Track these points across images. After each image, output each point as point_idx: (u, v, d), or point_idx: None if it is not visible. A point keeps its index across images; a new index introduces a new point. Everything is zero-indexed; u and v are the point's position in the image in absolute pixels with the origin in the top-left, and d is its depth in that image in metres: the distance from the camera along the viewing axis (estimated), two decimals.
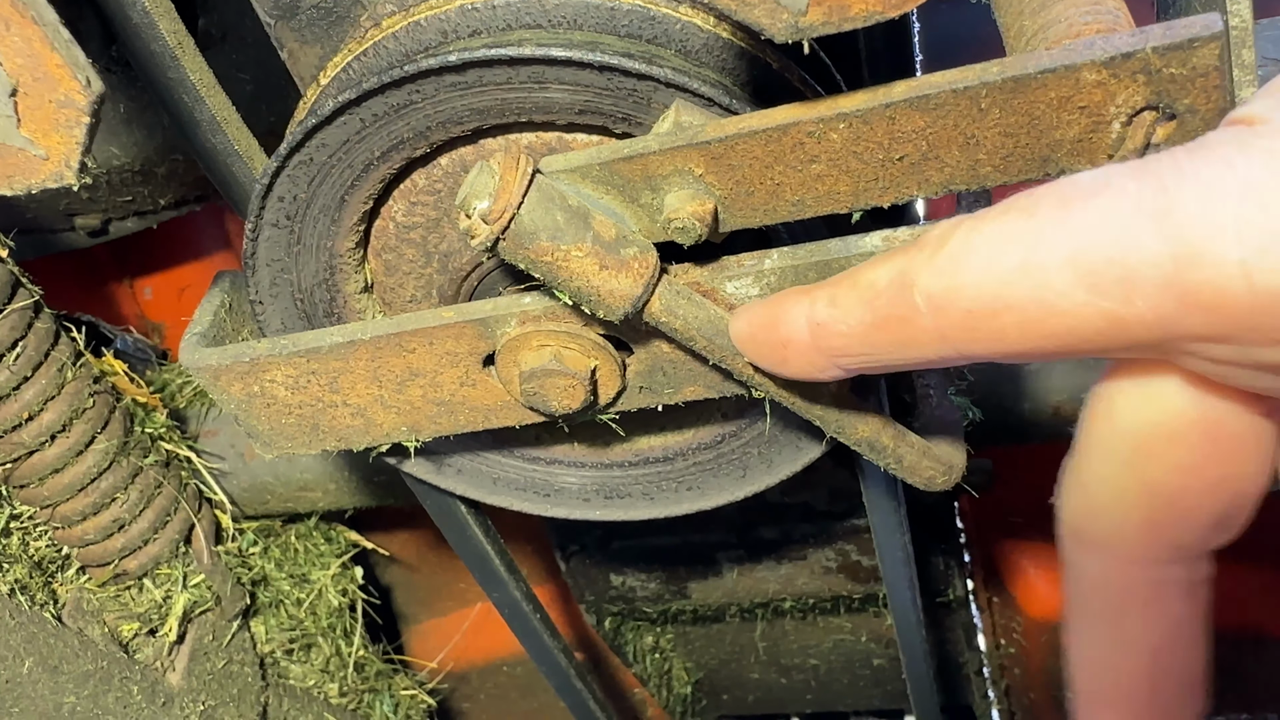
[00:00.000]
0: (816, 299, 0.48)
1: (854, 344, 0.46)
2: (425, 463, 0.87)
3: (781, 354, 0.51)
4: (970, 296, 0.40)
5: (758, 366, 0.57)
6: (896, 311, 0.43)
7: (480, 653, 1.81)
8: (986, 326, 0.40)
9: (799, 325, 0.49)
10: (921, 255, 0.42)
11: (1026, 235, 0.39)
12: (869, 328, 0.45)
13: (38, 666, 0.90)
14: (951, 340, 0.42)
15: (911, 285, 0.42)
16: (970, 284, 0.40)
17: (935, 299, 0.41)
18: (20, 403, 0.89)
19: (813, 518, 1.36)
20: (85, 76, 0.57)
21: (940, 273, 0.41)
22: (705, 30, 0.62)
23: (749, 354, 0.55)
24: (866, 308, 0.45)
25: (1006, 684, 1.78)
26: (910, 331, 0.43)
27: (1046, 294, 0.38)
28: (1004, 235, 0.40)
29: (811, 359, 0.49)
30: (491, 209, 0.54)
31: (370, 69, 0.66)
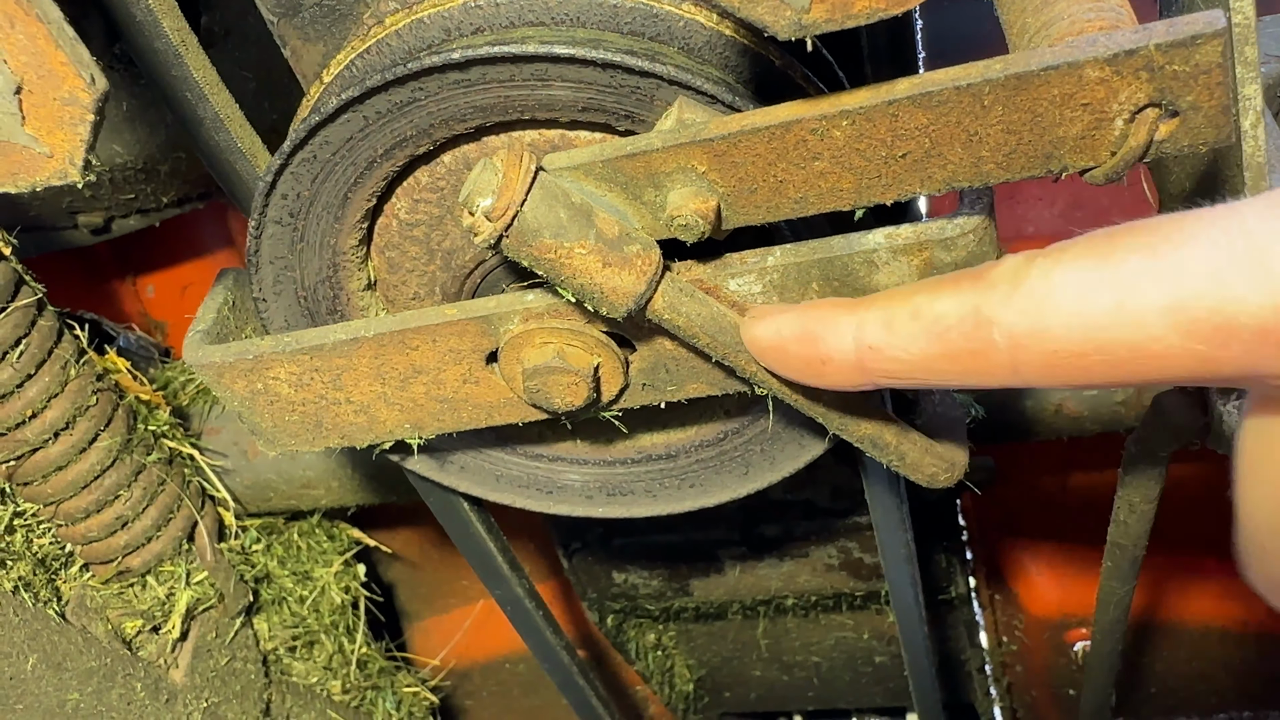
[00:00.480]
0: (866, 321, 0.49)
1: (909, 370, 0.48)
2: (428, 460, 0.88)
3: (818, 369, 0.52)
4: (1058, 338, 0.42)
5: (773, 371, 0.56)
6: (970, 347, 0.45)
7: (483, 650, 1.81)
8: (1070, 365, 0.42)
9: (844, 345, 0.50)
10: (996, 293, 0.44)
11: (1117, 281, 0.40)
12: (934, 358, 0.46)
13: (41, 663, 0.90)
14: (1024, 374, 0.44)
15: (990, 323, 0.44)
16: (1059, 326, 0.42)
17: (1018, 339, 0.43)
18: (23, 400, 0.89)
19: (815, 515, 1.36)
20: (89, 74, 0.57)
21: (1023, 313, 0.43)
22: (708, 28, 0.62)
23: (772, 362, 0.55)
24: (934, 340, 0.46)
25: (1008, 681, 1.79)
26: (982, 365, 0.45)
27: (1140, 338, 0.40)
28: (1091, 279, 0.41)
29: (850, 376, 0.50)
30: (495, 206, 0.54)
31: (373, 66, 0.66)
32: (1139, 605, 1.52)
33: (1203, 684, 1.66)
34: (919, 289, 0.47)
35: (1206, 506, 1.41)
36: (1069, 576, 1.60)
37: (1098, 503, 1.49)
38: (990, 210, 0.57)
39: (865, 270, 0.59)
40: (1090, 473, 1.48)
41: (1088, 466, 1.47)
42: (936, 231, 0.57)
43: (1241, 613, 1.55)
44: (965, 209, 0.57)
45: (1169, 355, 0.40)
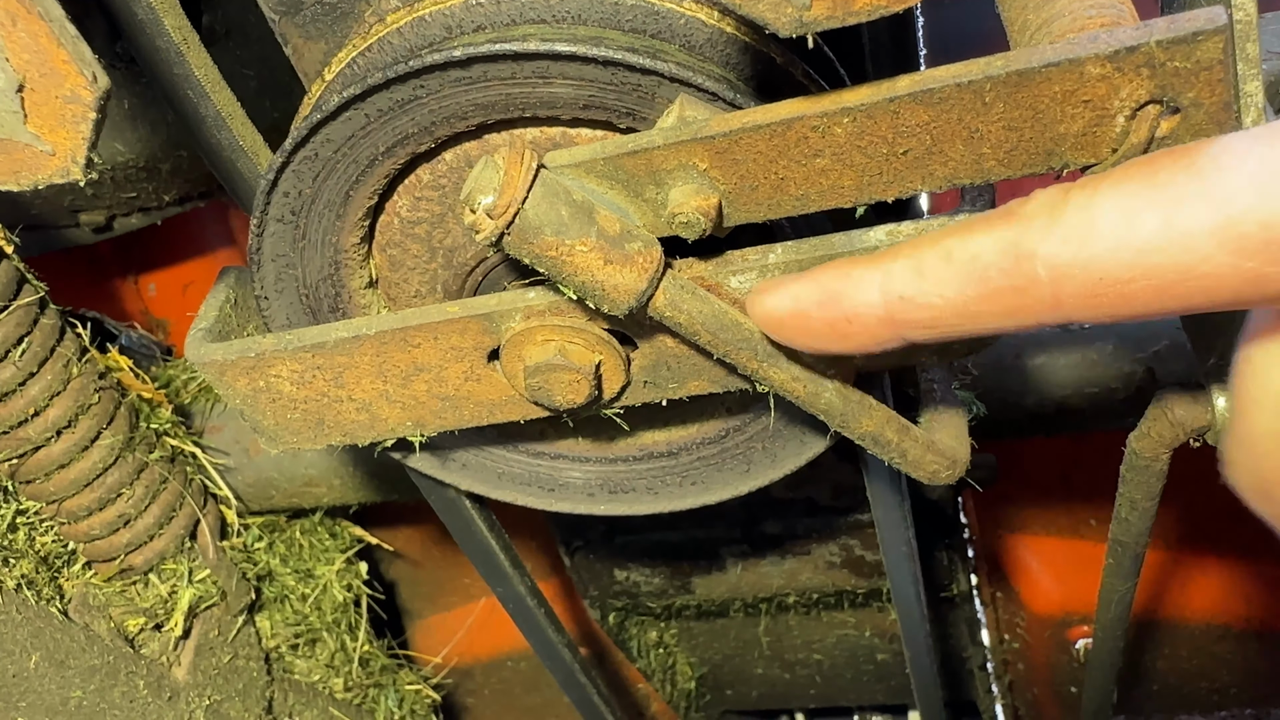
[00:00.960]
0: (893, 271, 0.47)
1: (946, 316, 0.45)
2: (430, 458, 0.88)
3: (843, 329, 0.49)
4: (1104, 265, 0.40)
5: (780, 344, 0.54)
6: (1011, 283, 0.43)
7: (485, 648, 1.81)
8: (1116, 292, 0.41)
9: (870, 299, 0.47)
10: (1034, 225, 0.42)
11: (1162, 202, 0.39)
12: (972, 300, 0.44)
13: (44, 661, 0.91)
14: (1068, 308, 0.42)
15: (1032, 256, 0.42)
16: (1104, 251, 0.40)
17: (1061, 269, 0.41)
18: (26, 398, 0.89)
19: (816, 512, 1.36)
20: (91, 72, 0.57)
21: (1066, 241, 0.41)
22: (709, 25, 0.62)
23: (792, 332, 0.52)
24: (971, 280, 0.44)
25: (1010, 679, 1.78)
26: (1024, 301, 0.43)
27: (1190, 259, 0.39)
28: (1134, 202, 0.40)
29: (878, 333, 0.48)
30: (496, 204, 0.54)
31: (375, 64, 0.66)
32: (1141, 602, 1.52)
33: (1205, 681, 1.66)
34: (946, 233, 0.45)
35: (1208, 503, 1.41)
36: (1070, 574, 1.60)
37: (1099, 499, 1.49)
38: (991, 206, 0.57)
39: None
40: (1091, 469, 1.48)
41: (1089, 463, 1.47)
42: (938, 228, 0.57)
43: (1243, 610, 1.55)
44: (967, 206, 0.57)
45: (1220, 275, 0.38)
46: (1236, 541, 1.48)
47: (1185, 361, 0.96)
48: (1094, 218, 0.41)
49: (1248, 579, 1.52)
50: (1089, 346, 0.99)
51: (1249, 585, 1.53)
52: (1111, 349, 0.97)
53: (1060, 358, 1.01)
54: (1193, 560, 1.54)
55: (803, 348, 0.53)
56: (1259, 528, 0.48)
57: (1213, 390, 0.79)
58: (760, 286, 0.54)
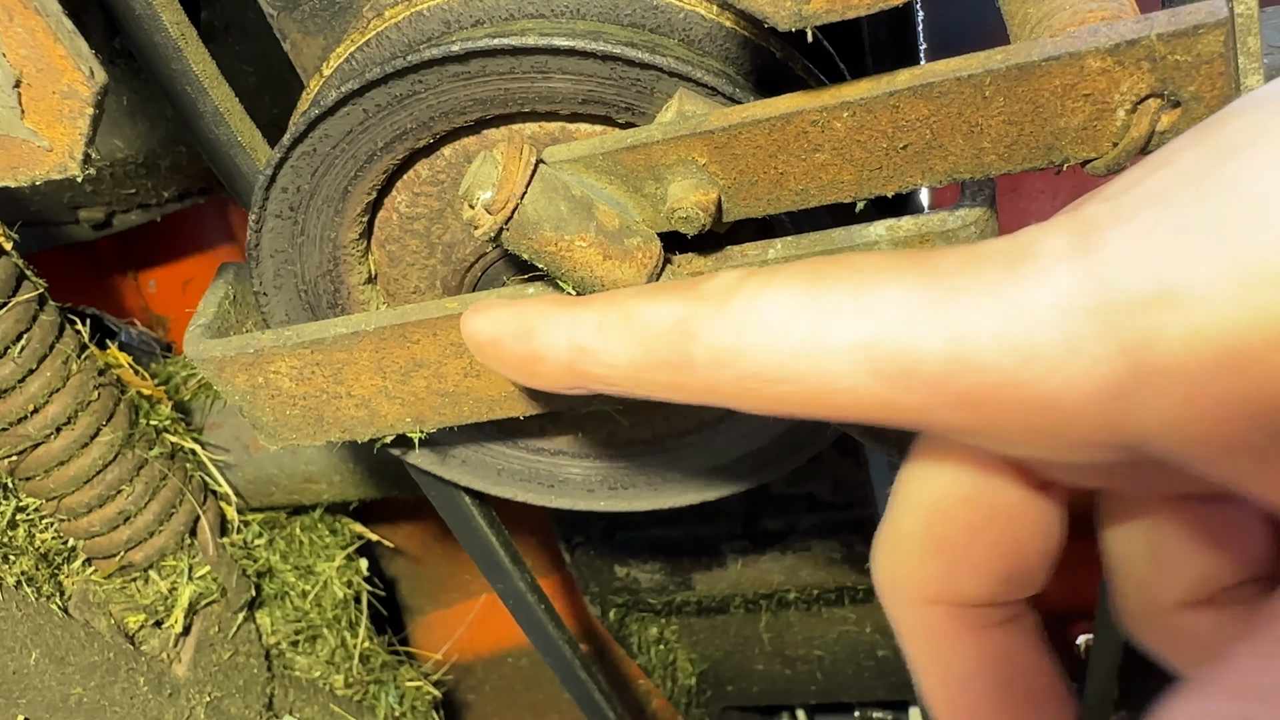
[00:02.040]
0: (580, 320, 0.47)
1: (620, 377, 0.46)
2: (429, 454, 0.88)
3: (531, 367, 0.49)
4: (752, 361, 0.40)
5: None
6: (672, 359, 0.43)
7: (485, 644, 1.81)
8: (764, 391, 0.40)
9: (557, 343, 0.48)
10: (705, 307, 0.42)
11: (815, 309, 0.39)
12: (638, 367, 0.44)
13: (44, 658, 0.91)
14: (723, 395, 0.42)
15: (693, 336, 0.42)
16: (754, 348, 0.40)
17: (716, 356, 0.41)
18: (25, 395, 0.89)
19: (817, 509, 1.36)
20: (89, 67, 0.57)
21: (725, 330, 0.41)
22: (708, 19, 0.61)
23: (487, 357, 0.52)
24: (639, 347, 0.44)
25: None
26: (683, 379, 0.43)
27: (829, 372, 0.38)
28: (793, 303, 0.39)
29: (562, 378, 0.48)
30: (495, 199, 0.54)
31: (373, 59, 0.66)
32: None
33: None
34: (638, 293, 0.45)
35: None
36: (1071, 570, 1.59)
37: None
38: (992, 202, 0.57)
39: None
40: None
41: None
42: (938, 223, 0.57)
43: None
44: (967, 201, 0.57)
45: (855, 393, 0.38)
46: None
47: None
48: (755, 310, 0.40)
49: None
50: None
51: None
52: None
53: None
54: None
55: (501, 373, 0.53)
56: None
57: None
58: (475, 305, 0.53)
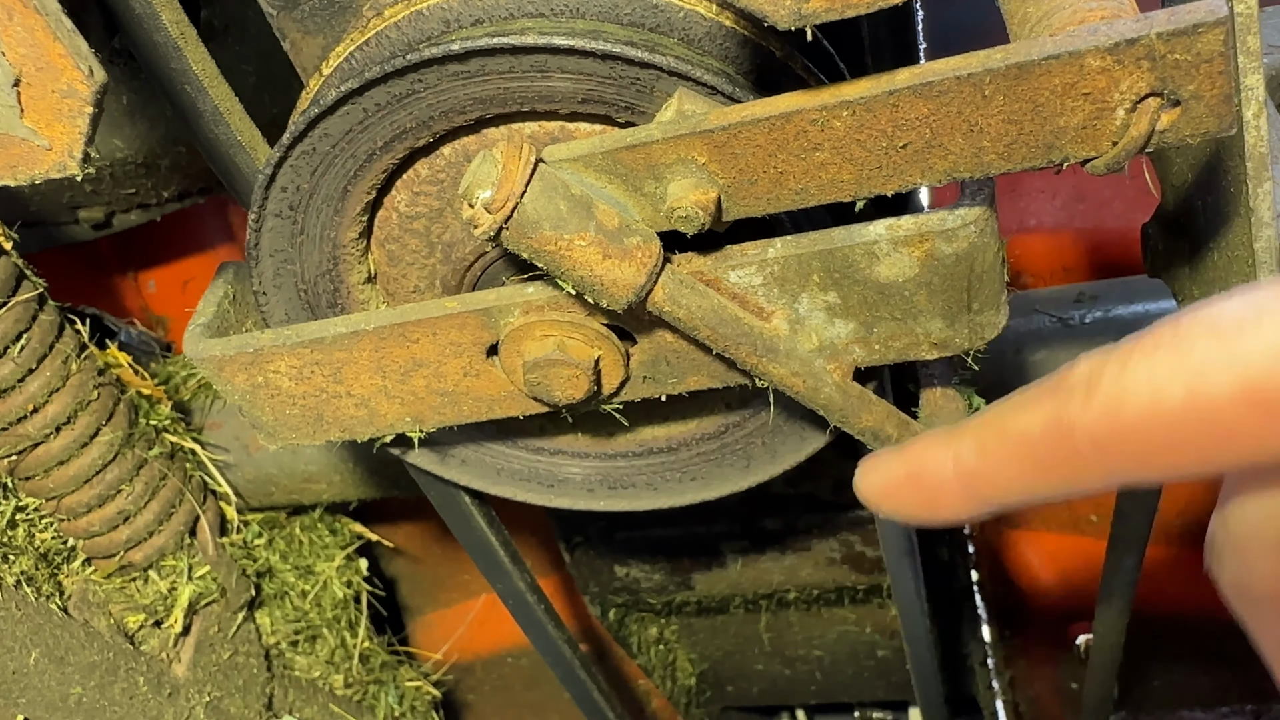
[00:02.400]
0: (961, 448, 0.49)
1: (1013, 489, 0.48)
2: (429, 453, 0.88)
3: (932, 505, 0.52)
4: (1139, 436, 0.42)
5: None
6: (1059, 457, 0.45)
7: (485, 644, 1.81)
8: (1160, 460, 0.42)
9: (946, 476, 0.50)
10: (1074, 401, 0.44)
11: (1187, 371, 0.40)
12: (1030, 475, 0.46)
13: (44, 658, 0.91)
14: (1120, 474, 0.44)
15: (1070, 431, 0.43)
16: (1137, 423, 0.41)
17: (1101, 441, 0.43)
18: (25, 395, 0.89)
19: (817, 508, 1.36)
20: (88, 66, 0.57)
21: (1101, 416, 0.42)
22: (708, 18, 0.61)
23: (885, 507, 0.56)
24: (1025, 458, 0.46)
25: (1010, 675, 1.78)
26: (1077, 473, 0.45)
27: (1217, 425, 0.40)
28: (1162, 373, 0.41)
29: (965, 507, 0.51)
30: (494, 198, 0.54)
31: (373, 58, 0.66)
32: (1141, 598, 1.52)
33: (1206, 677, 1.66)
34: (1006, 408, 0.48)
35: (1209, 499, 1.41)
36: (1071, 570, 1.60)
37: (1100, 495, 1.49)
38: (991, 201, 0.57)
39: (866, 262, 0.59)
40: None
41: None
42: (938, 223, 0.57)
43: None
44: (966, 200, 0.57)
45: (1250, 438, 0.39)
46: None
47: None
48: (1124, 390, 0.42)
49: None
50: (1089, 341, 0.99)
51: None
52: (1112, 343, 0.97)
53: (1060, 353, 1.00)
54: (1193, 556, 1.54)
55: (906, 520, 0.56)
56: None
57: None
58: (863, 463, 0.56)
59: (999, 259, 0.59)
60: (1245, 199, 0.63)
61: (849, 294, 0.61)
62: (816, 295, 0.61)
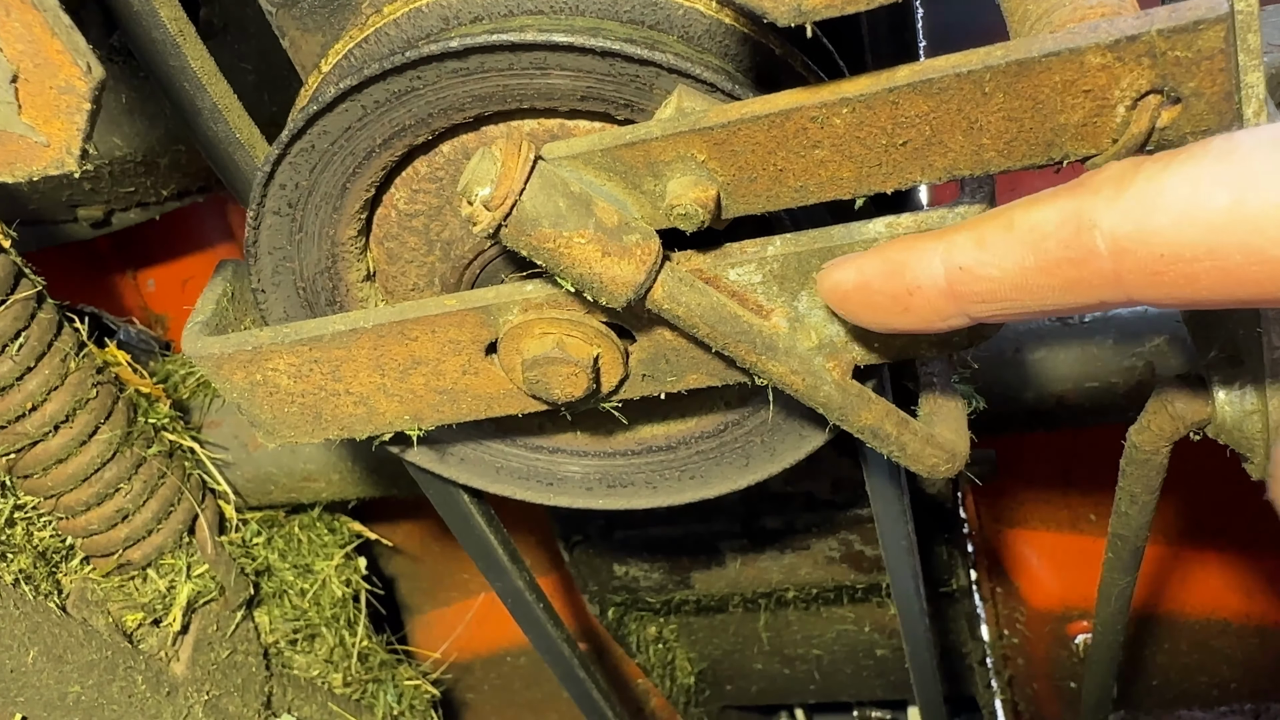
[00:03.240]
0: (955, 242, 0.45)
1: (1004, 289, 0.44)
2: (428, 451, 0.87)
3: (905, 302, 0.48)
4: (1167, 240, 0.38)
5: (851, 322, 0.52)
6: (1069, 254, 0.41)
7: (484, 643, 1.81)
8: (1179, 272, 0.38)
9: (932, 270, 0.46)
10: (1099, 197, 0.40)
11: (1236, 179, 0.37)
12: (1030, 271, 0.42)
13: (42, 656, 0.90)
14: (1127, 285, 0.40)
15: (1091, 227, 0.40)
16: (1168, 226, 0.38)
17: (1122, 241, 0.39)
18: (24, 393, 0.89)
19: (816, 507, 1.36)
20: (86, 62, 0.57)
21: (1128, 214, 0.39)
22: (707, 16, 0.61)
23: (855, 304, 0.51)
24: (1029, 250, 0.42)
25: (1009, 674, 1.78)
26: (1082, 275, 0.41)
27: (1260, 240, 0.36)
28: (1206, 178, 0.37)
29: (939, 307, 0.46)
30: (494, 195, 0.54)
31: (372, 55, 0.66)
32: (1140, 597, 1.52)
33: (1204, 676, 1.66)
34: (1014, 205, 0.44)
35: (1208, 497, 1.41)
36: (1070, 569, 1.60)
37: (1099, 494, 1.49)
38: (991, 199, 0.57)
39: None
40: (1091, 464, 1.48)
41: (1089, 458, 1.47)
42: (937, 220, 0.57)
43: (1243, 604, 1.55)
44: (966, 198, 0.57)
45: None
46: (1236, 536, 1.48)
47: (1185, 355, 0.96)
48: (1162, 189, 0.38)
49: (1247, 573, 1.52)
50: (1089, 340, 0.99)
51: (1249, 579, 1.53)
52: (1111, 343, 0.97)
53: (1060, 352, 1.00)
54: (1192, 555, 1.54)
55: (867, 324, 0.52)
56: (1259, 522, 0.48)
57: (1213, 384, 0.79)
58: (829, 263, 0.52)
59: None
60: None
61: None
62: (816, 293, 0.61)
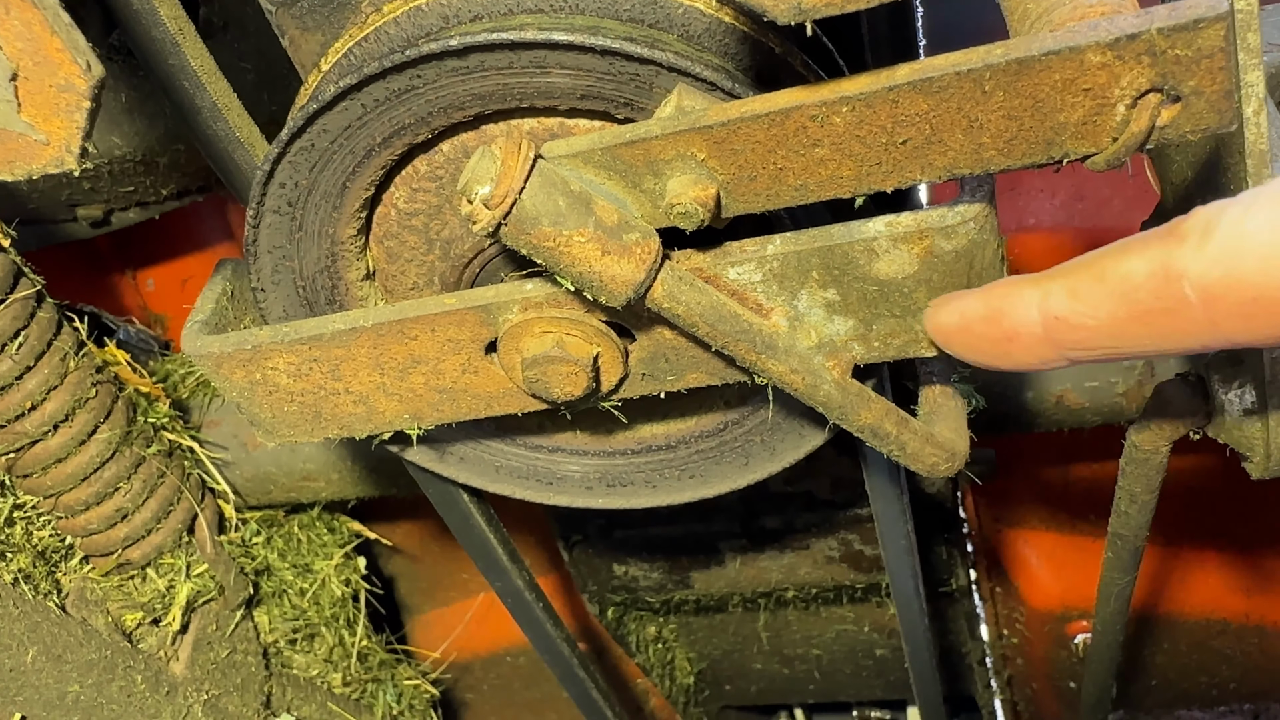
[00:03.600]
0: (1050, 291, 0.47)
1: (1100, 338, 0.45)
2: (427, 451, 0.87)
3: (1005, 347, 0.50)
4: (1256, 284, 0.39)
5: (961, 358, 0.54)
6: (1161, 304, 0.42)
7: (483, 643, 1.81)
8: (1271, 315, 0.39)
9: (1029, 318, 0.48)
10: (1186, 245, 0.41)
11: None
12: (1124, 321, 0.44)
13: (41, 655, 0.90)
14: (1224, 329, 0.41)
15: (1180, 277, 0.41)
16: (1256, 270, 0.39)
17: (1211, 289, 0.40)
18: (23, 392, 0.89)
19: (815, 506, 1.36)
20: (85, 61, 0.57)
21: (1215, 261, 0.40)
22: (707, 15, 0.61)
23: (958, 346, 0.53)
24: (1121, 301, 0.44)
25: (1009, 674, 1.78)
26: (1176, 323, 0.42)
27: None
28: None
29: (1040, 352, 0.48)
30: (493, 194, 0.54)
31: (372, 54, 0.66)
32: (1140, 597, 1.52)
33: (1203, 676, 1.66)
34: (1106, 253, 0.45)
35: (1207, 497, 1.41)
36: (1070, 568, 1.60)
37: (1099, 494, 1.49)
38: (991, 198, 0.57)
39: (866, 258, 0.59)
40: (1091, 464, 1.48)
41: (1089, 457, 1.47)
42: (937, 219, 0.57)
43: (1242, 605, 1.55)
44: (966, 196, 0.57)
45: None
46: (1235, 536, 1.48)
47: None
48: (1245, 234, 0.39)
49: (1247, 573, 1.52)
50: None
51: (1248, 580, 1.53)
52: None
53: None
54: (1192, 555, 1.54)
55: (973, 363, 0.54)
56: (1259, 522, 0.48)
57: (1213, 383, 0.79)
58: (935, 301, 0.54)
59: (998, 256, 0.58)
60: None
61: (848, 291, 0.61)
62: (816, 292, 0.61)
